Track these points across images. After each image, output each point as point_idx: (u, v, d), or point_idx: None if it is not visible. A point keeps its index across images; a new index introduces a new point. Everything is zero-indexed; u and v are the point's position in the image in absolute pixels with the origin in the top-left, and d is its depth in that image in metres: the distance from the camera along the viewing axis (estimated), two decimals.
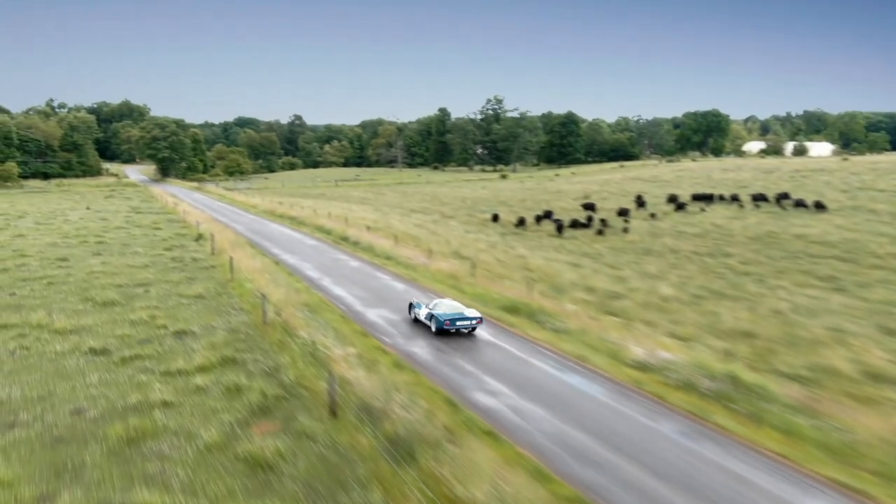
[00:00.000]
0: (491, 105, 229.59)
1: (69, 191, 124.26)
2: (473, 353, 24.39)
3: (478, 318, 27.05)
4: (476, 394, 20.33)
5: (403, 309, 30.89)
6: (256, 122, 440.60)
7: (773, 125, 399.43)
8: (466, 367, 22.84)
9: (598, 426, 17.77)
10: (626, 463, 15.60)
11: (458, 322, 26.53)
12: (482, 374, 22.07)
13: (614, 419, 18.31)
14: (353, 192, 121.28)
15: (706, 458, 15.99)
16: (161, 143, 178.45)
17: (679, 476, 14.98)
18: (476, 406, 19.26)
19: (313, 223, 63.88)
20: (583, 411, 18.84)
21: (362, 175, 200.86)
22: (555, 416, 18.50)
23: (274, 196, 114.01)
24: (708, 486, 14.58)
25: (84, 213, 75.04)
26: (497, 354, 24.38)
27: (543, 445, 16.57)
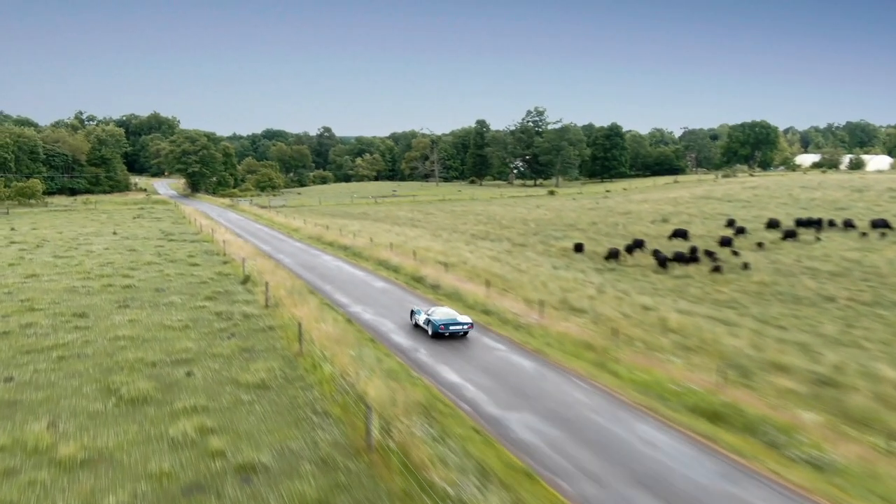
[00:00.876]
0: (531, 117, 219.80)
1: (96, 209, 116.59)
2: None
3: (468, 324, 30.29)
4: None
5: (558, 409, 21.45)
6: (285, 135, 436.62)
7: (813, 137, 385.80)
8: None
9: None
10: None
11: (451, 327, 29.80)
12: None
13: None
14: (399, 212, 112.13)
15: None
16: (191, 157, 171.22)
17: None
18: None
19: (374, 256, 54.51)
20: None
21: (399, 190, 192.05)
22: None
23: (314, 216, 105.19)
24: None
25: (110, 240, 66.50)
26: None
27: None
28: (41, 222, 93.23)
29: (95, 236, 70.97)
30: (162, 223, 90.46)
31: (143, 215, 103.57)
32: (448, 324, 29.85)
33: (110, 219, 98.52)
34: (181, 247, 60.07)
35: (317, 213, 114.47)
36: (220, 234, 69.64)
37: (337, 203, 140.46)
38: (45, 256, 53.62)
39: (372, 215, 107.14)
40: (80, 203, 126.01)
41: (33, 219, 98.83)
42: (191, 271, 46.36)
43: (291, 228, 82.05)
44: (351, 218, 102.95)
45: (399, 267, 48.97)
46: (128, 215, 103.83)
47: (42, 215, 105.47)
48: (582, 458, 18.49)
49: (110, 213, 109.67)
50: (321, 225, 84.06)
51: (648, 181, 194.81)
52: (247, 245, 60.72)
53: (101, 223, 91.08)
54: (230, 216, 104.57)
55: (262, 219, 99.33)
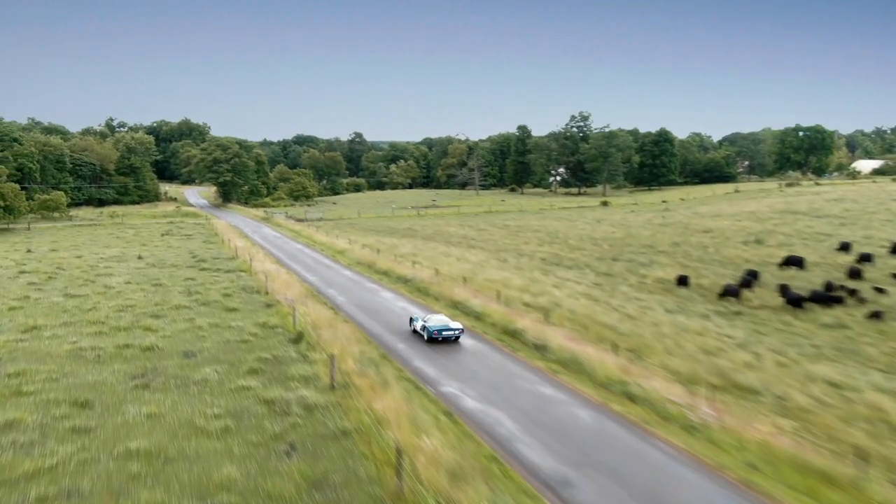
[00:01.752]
0: (575, 122, 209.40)
1: (122, 223, 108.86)
2: None
3: (460, 329, 34.07)
4: None
5: None
6: (316, 140, 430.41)
7: (860, 141, 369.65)
8: None
9: None
10: None
11: (444, 332, 33.53)
12: None
13: None
14: (448, 227, 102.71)
15: None
16: (223, 165, 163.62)
17: None
18: None
19: (445, 294, 45.09)
20: None
21: (438, 199, 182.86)
22: None
23: (356, 232, 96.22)
24: None
25: (134, 269, 57.90)
26: None
27: None
28: (62, 240, 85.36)
29: (118, 262, 62.49)
30: (192, 242, 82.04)
31: (173, 231, 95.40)
32: (441, 329, 33.52)
33: (137, 236, 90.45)
34: (215, 279, 51.12)
35: (358, 228, 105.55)
36: (258, 259, 60.71)
37: (377, 215, 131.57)
38: (54, 295, 44.93)
39: (419, 231, 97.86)
40: (107, 216, 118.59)
41: (55, 236, 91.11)
42: (228, 320, 37.23)
43: (336, 250, 72.99)
44: (397, 235, 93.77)
45: (483, 314, 39.45)
46: (156, 231, 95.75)
47: (65, 231, 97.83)
48: None
49: (137, 228, 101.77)
50: (369, 246, 74.96)
51: (703, 190, 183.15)
52: (291, 278, 51.62)
53: (126, 242, 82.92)
54: (266, 232, 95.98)
55: (301, 236, 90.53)
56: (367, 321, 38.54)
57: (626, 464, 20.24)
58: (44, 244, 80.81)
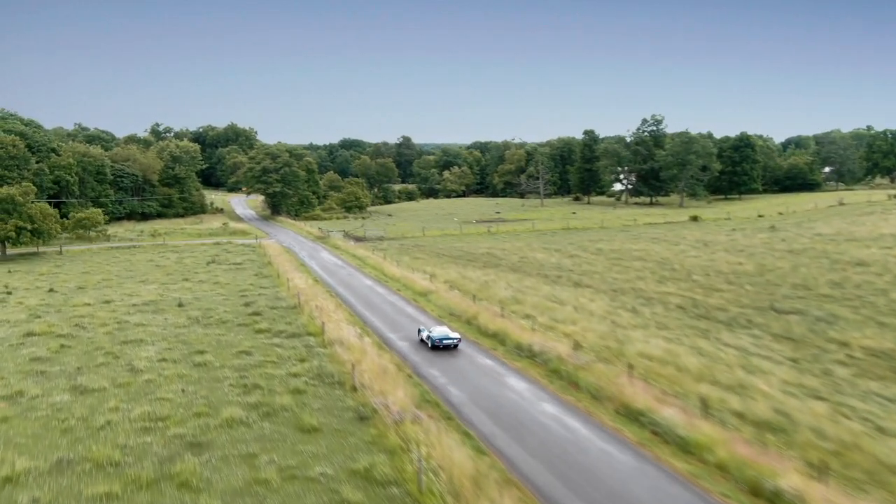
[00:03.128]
0: (647, 126, 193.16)
1: (164, 245, 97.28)
2: None
3: (458, 339, 39.92)
4: None
5: None
6: (362, 144, 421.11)
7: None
8: None
9: None
10: None
11: (444, 341, 39.19)
12: None
13: None
14: (533, 252, 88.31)
15: None
16: (272, 175, 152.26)
17: None
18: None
19: (617, 396, 30.99)
20: None
21: (502, 211, 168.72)
22: None
23: (429, 258, 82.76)
24: None
25: (172, 326, 45.17)
26: None
27: None
28: (94, 270, 73.71)
29: (153, 312, 49.89)
30: (242, 274, 69.55)
31: (219, 257, 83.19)
32: (442, 339, 39.43)
33: (179, 263, 78.41)
34: (278, 355, 37.81)
35: (427, 251, 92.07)
36: (328, 312, 47.37)
37: (442, 232, 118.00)
38: (59, 387, 32.12)
39: (503, 258, 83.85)
40: (148, 235, 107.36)
41: (87, 264, 79.60)
42: (307, 460, 23.74)
43: (416, 291, 59.48)
44: (478, 264, 79.95)
45: (696, 445, 25.29)
46: (201, 257, 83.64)
47: (100, 256, 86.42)
48: None
49: (180, 251, 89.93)
50: (454, 284, 61.45)
51: (792, 200, 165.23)
52: (380, 352, 38.05)
53: (166, 273, 70.83)
54: (325, 259, 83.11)
55: (368, 266, 77.35)
56: (528, 464, 24.66)
57: None
58: (72, 277, 69.11)
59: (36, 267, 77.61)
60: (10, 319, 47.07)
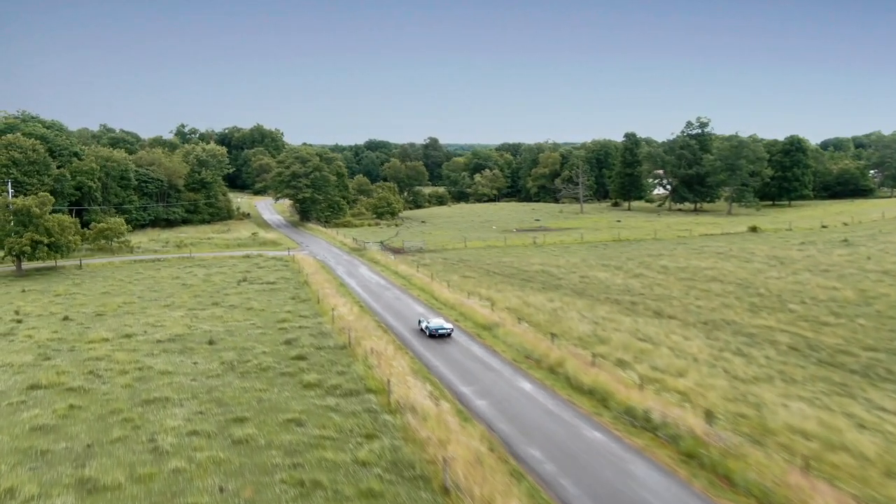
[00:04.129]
0: (692, 129, 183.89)
1: (191, 258, 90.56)
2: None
3: (451, 328, 47.13)
4: None
5: None
6: (388, 146, 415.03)
7: None
8: None
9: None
10: None
11: (439, 330, 46.47)
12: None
13: None
14: (594, 270, 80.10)
15: None
16: (301, 180, 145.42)
17: None
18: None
19: None
20: None
21: (542, 219, 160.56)
22: None
23: (481, 278, 75.11)
24: None
25: (202, 374, 37.96)
26: None
27: None
28: (115, 291, 67.00)
29: (180, 352, 42.74)
30: (277, 297, 62.42)
31: (251, 274, 76.17)
32: (437, 328, 46.74)
33: (207, 282, 71.53)
34: (335, 426, 30.36)
35: (475, 267, 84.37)
36: (385, 356, 39.86)
37: (485, 244, 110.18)
38: (65, 470, 25.05)
39: (562, 277, 75.90)
40: (173, 246, 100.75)
41: (108, 281, 72.98)
42: None
43: (480, 324, 51.75)
44: (536, 284, 72.12)
45: None
46: (230, 275, 76.67)
47: (122, 272, 79.78)
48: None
49: (208, 266, 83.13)
50: (517, 312, 53.81)
51: (859, 209, 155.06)
52: (464, 425, 30.41)
53: (193, 294, 63.91)
54: (366, 278, 75.77)
55: (413, 286, 69.88)
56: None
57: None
58: (90, 299, 62.38)
59: (53, 285, 71.08)
60: (15, 363, 40.07)
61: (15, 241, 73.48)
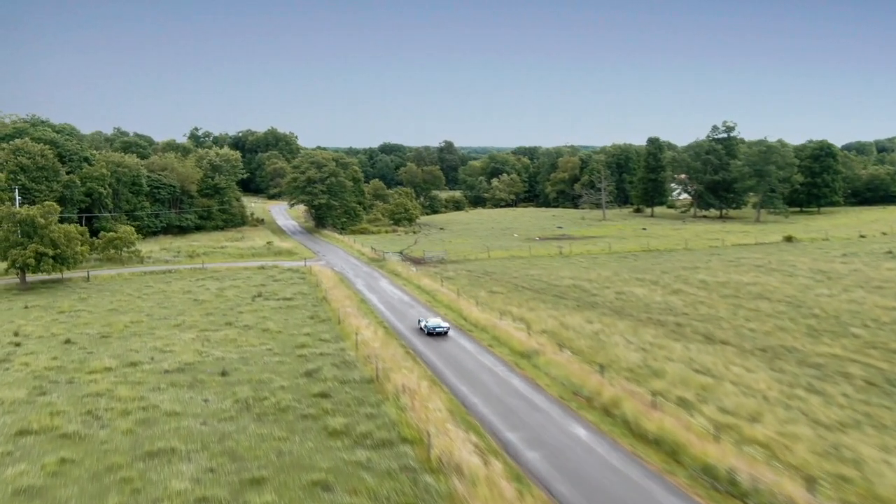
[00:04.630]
0: (717, 133, 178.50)
1: (203, 269, 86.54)
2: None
3: (447, 327, 51.06)
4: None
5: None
6: (402, 149, 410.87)
7: None
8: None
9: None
10: None
11: (436, 329, 50.12)
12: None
13: None
14: (630, 286, 75.24)
15: None
16: (317, 186, 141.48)
17: None
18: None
19: None
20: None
21: (564, 226, 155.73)
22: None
23: (509, 295, 70.61)
24: None
25: (213, 416, 33.75)
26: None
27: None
28: (122, 308, 63.03)
29: (190, 386, 38.55)
30: (295, 317, 58.20)
31: (266, 289, 72.05)
32: (434, 327, 50.38)
33: (220, 297, 67.46)
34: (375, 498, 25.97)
35: (501, 281, 79.83)
36: (418, 394, 35.41)
37: (508, 254, 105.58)
38: None
39: (596, 294, 71.21)
40: (185, 256, 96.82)
41: (115, 296, 69.04)
42: None
43: (517, 351, 47.27)
44: (569, 301, 67.51)
45: None
46: (244, 289, 72.58)
47: (131, 285, 75.86)
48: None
49: (221, 279, 79.07)
50: (557, 336, 49.26)
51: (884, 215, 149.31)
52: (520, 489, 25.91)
53: (206, 312, 59.82)
54: (387, 293, 71.42)
55: (440, 303, 65.47)
56: None
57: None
58: (95, 318, 58.40)
59: (57, 300, 67.24)
60: (6, 400, 35.97)
61: (19, 253, 69.72)
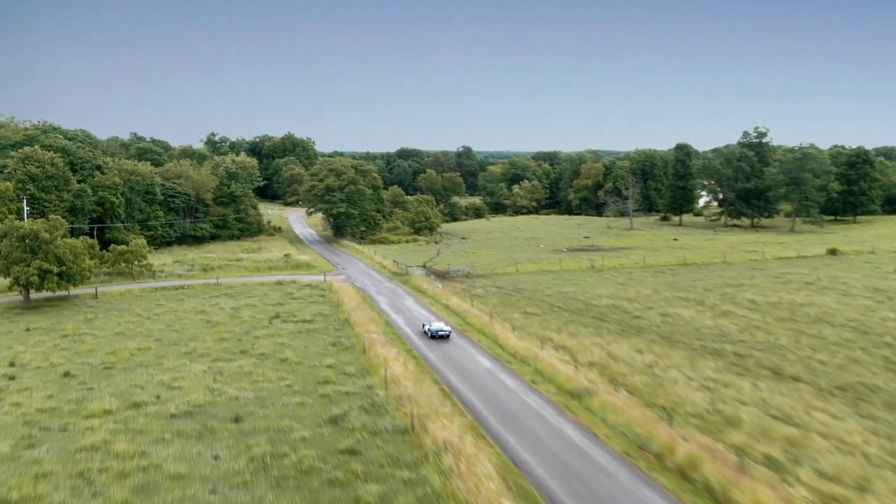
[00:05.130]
0: (750, 139, 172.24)
1: (218, 285, 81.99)
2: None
3: (449, 330, 54.96)
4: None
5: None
6: (420, 154, 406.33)
7: None
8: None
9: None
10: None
11: (438, 332, 54.40)
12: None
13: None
14: (677, 307, 69.52)
15: None
16: (336, 194, 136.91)
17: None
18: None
19: None
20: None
21: (591, 236, 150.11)
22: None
23: (549, 318, 65.40)
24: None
25: (223, 467, 28.86)
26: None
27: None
28: (129, 331, 58.47)
29: (198, 437, 33.71)
30: (316, 344, 53.37)
31: (284, 309, 67.27)
32: (437, 330, 54.75)
33: (235, 318, 62.79)
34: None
35: (534, 298, 74.57)
36: (463, 451, 30.33)
37: (537, 267, 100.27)
38: None
39: (639, 315, 65.79)
40: (199, 269, 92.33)
41: (123, 316, 64.56)
42: None
43: (566, 390, 42.06)
44: (612, 324, 62.17)
45: None
46: (261, 308, 67.91)
47: (141, 303, 71.40)
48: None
49: (236, 297, 74.44)
50: (606, 370, 44.05)
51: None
52: None
53: (219, 337, 55.11)
54: (413, 313, 66.40)
55: (471, 327, 60.34)
56: None
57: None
58: (100, 343, 53.84)
59: (62, 321, 62.85)
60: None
61: (22, 269, 65.41)
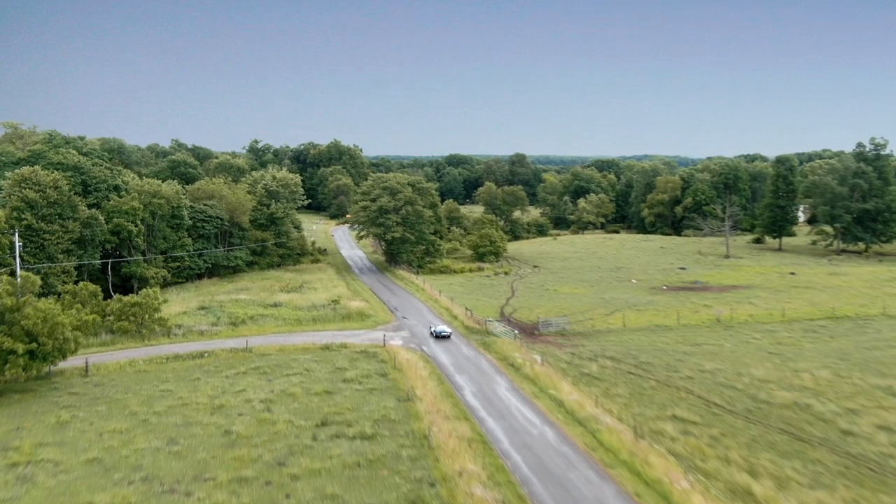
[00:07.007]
0: (869, 151, 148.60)
1: (247, 351, 63.48)
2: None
3: (450, 332, 67.53)
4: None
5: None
6: (471, 160, 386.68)
7: None
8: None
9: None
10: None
11: (441, 334, 66.95)
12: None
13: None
14: (843, 399, 48.88)
15: None
16: (391, 217, 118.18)
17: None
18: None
19: None
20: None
21: (674, 258, 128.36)
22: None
23: (721, 436, 45.15)
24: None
25: None
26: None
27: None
28: (117, 445, 39.96)
29: None
30: (383, 492, 34.01)
31: (332, 413, 48.23)
32: (440, 332, 67.34)
33: (263, 428, 44.01)
34: None
35: (666, 381, 54.19)
36: None
37: (648, 321, 79.67)
38: None
39: (850, 431, 44.87)
40: (227, 324, 73.87)
41: (114, 410, 46.19)
42: None
43: None
44: (813, 447, 41.54)
45: None
46: (302, 410, 49.02)
47: (141, 387, 53.08)
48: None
49: (270, 374, 55.85)
50: None
51: None
52: None
53: (235, 477, 36.30)
54: (514, 417, 46.61)
55: (610, 455, 40.38)
56: None
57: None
58: (57, 488, 35.29)
59: (26, 421, 44.83)
60: None
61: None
